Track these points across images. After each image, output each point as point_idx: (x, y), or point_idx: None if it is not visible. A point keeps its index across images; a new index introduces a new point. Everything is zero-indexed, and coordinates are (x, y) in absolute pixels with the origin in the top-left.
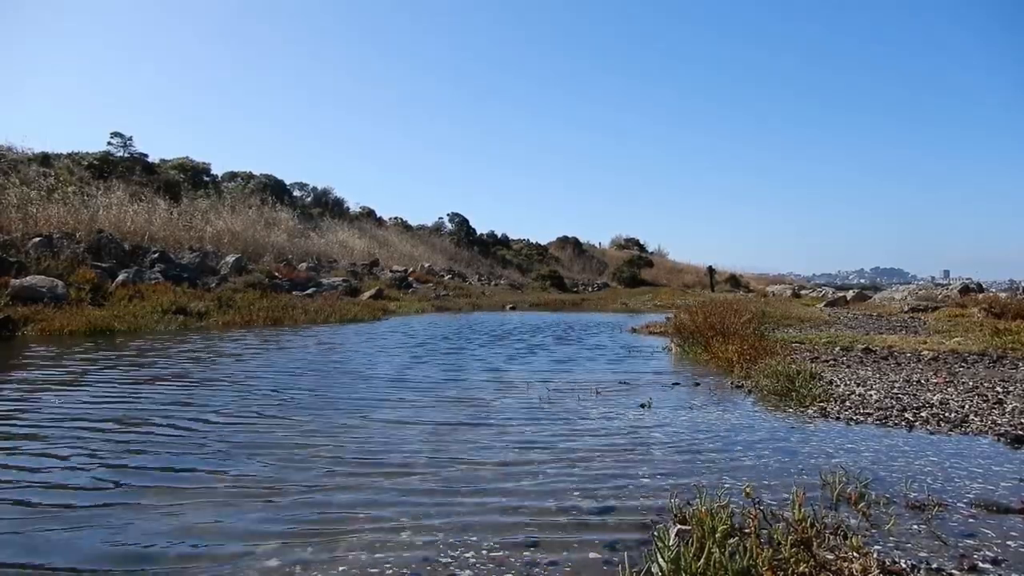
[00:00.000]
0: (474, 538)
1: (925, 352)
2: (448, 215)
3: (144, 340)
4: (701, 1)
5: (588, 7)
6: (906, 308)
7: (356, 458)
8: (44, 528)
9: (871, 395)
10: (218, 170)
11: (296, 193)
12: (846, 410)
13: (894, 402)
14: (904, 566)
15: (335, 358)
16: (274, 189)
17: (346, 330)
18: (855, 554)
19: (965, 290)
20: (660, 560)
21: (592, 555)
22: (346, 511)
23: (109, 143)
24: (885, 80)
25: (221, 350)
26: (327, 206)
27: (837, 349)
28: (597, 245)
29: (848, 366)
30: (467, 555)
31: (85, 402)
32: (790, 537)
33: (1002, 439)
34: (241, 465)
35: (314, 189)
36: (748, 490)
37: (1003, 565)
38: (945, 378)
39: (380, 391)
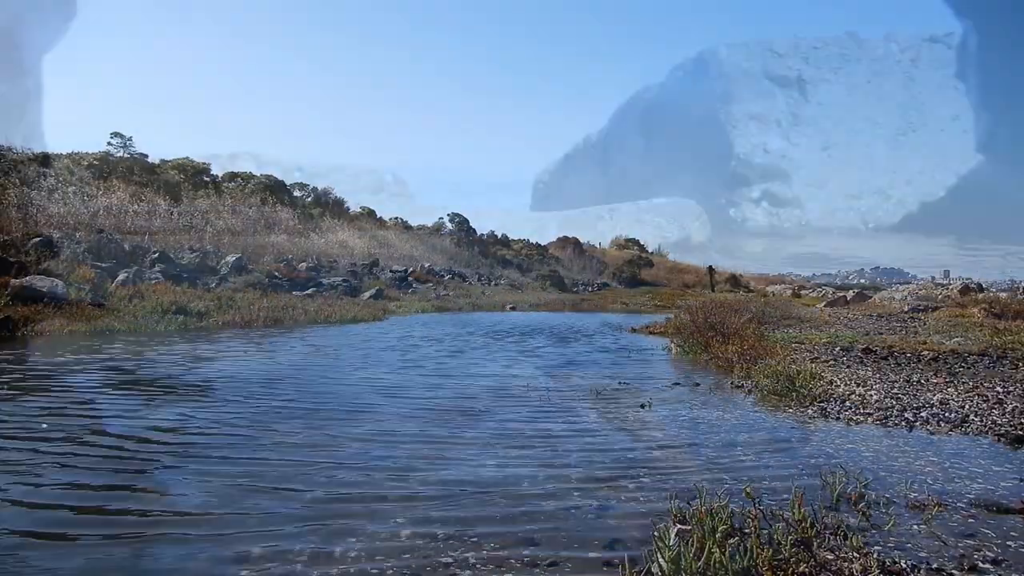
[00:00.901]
0: (474, 538)
1: (925, 352)
2: (448, 215)
3: (129, 342)
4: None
5: (587, 8)
6: (906, 308)
7: (352, 458)
8: None
9: (871, 395)
10: (218, 170)
11: (296, 193)
12: (846, 410)
13: (894, 402)
14: (904, 566)
15: (331, 361)
16: (274, 189)
17: (345, 330)
18: (855, 554)
19: (965, 290)
20: (660, 560)
21: (592, 555)
22: (341, 515)
23: (109, 143)
24: (888, 76)
25: (207, 352)
26: (327, 206)
27: (837, 349)
28: (597, 245)
29: (848, 366)
30: (467, 555)
31: (37, 413)
32: (790, 537)
33: (1002, 439)
34: (191, 492)
35: (314, 189)
36: (748, 490)
37: (1003, 565)
38: (945, 378)
39: (379, 392)
